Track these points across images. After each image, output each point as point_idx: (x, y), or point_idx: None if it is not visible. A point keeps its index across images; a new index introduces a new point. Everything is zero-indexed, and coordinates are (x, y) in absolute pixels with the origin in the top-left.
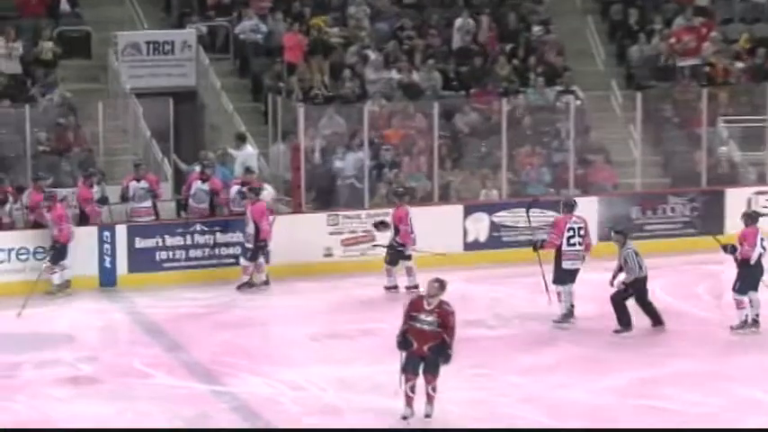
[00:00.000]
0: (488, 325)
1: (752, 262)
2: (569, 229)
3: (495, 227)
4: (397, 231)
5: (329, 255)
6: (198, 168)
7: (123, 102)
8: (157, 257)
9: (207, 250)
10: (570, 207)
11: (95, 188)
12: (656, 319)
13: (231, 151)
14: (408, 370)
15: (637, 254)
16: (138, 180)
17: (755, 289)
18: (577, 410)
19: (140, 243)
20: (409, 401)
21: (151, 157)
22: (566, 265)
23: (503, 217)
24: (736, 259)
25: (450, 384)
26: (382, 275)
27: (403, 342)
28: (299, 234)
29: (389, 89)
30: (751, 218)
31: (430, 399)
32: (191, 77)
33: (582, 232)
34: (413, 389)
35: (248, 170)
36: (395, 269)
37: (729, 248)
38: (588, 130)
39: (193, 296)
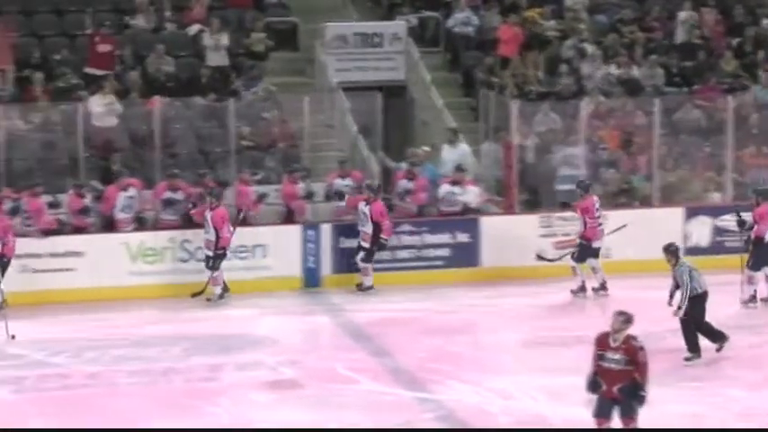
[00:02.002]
0: None
1: (766, 240)
2: (596, 209)
3: (718, 231)
4: (378, 227)
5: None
6: (405, 166)
7: (330, 96)
8: None
9: (414, 252)
10: (586, 189)
11: (300, 185)
12: (718, 337)
13: (444, 148)
14: (600, 414)
15: (691, 270)
16: (342, 177)
17: None
18: None
19: (345, 243)
20: None
21: (357, 154)
22: (595, 244)
23: (727, 221)
24: (748, 239)
25: (667, 397)
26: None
27: (593, 384)
28: (510, 236)
29: (607, 85)
30: (765, 196)
31: None
32: (400, 71)
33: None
34: None
35: (459, 168)
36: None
37: (747, 225)
38: None
39: (399, 299)
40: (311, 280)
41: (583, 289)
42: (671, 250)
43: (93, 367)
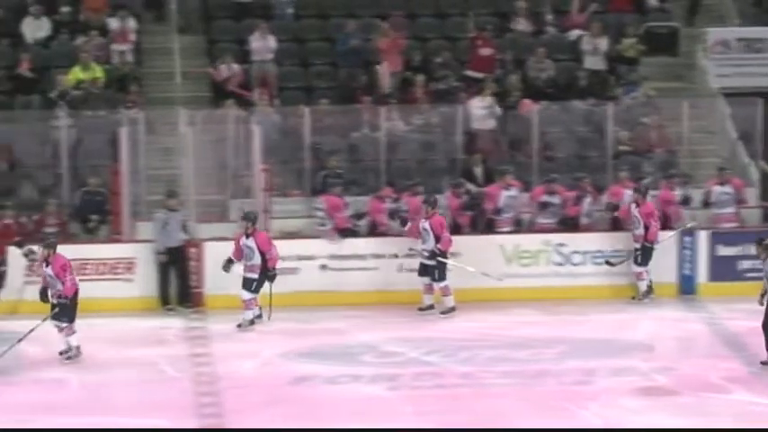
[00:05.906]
0: None
1: None
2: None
3: None
4: (438, 239)
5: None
6: None
7: (709, 101)
8: (739, 266)
9: None
10: (645, 192)
11: (678, 191)
12: None
13: None
14: None
15: None
16: (721, 184)
17: None
18: None
19: (722, 251)
20: None
21: (736, 161)
22: (656, 246)
23: None
24: None
25: None
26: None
27: None
28: None
29: None
30: None
31: None
32: None
33: None
34: None
35: None
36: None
37: None
38: None
39: None
40: (687, 287)
41: None
42: (764, 244)
43: (466, 367)
